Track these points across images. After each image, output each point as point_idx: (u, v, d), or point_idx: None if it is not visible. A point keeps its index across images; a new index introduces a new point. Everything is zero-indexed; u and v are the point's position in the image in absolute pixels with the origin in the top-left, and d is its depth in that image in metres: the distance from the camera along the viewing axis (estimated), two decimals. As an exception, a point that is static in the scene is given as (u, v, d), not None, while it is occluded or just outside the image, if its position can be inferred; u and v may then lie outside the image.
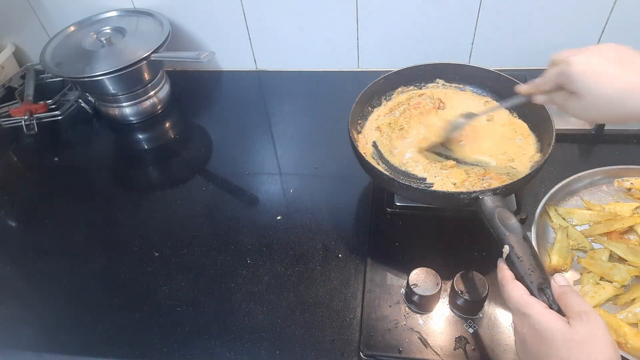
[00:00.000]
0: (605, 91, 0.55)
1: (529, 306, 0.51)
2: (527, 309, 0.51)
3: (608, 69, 0.55)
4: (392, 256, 0.79)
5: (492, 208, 0.64)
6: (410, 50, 1.15)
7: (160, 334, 0.74)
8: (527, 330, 0.51)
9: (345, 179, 0.96)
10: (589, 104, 0.56)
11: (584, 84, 0.56)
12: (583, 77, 0.56)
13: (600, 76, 0.55)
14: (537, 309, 0.51)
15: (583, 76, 0.56)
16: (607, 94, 0.55)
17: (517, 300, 0.53)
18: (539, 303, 0.51)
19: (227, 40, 1.22)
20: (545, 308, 0.51)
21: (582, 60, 0.56)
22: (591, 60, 0.56)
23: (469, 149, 0.83)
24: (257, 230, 0.87)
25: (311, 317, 0.73)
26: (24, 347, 0.76)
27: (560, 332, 0.48)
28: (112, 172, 1.07)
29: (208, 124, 1.15)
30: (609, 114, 0.56)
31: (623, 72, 0.54)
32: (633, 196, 0.80)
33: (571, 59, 0.57)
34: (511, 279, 0.56)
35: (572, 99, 0.58)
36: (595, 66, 0.56)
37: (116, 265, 0.85)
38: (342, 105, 0.87)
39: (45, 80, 1.26)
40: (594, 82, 0.55)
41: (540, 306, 0.51)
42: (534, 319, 0.50)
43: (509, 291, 0.55)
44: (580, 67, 0.56)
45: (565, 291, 0.52)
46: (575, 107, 0.59)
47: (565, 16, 1.03)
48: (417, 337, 0.68)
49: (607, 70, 0.55)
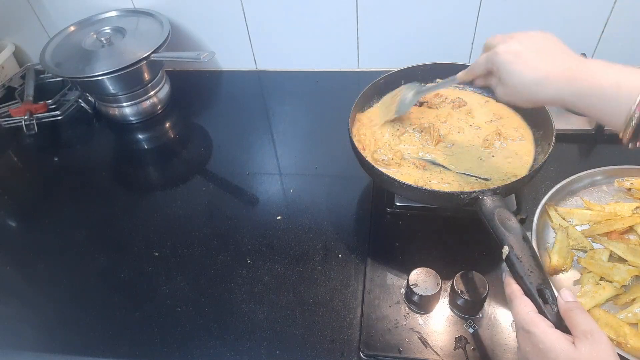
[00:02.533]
0: (523, 78, 0.58)
1: (534, 324, 0.51)
2: (532, 326, 0.50)
3: (527, 57, 0.58)
4: (392, 256, 0.79)
5: (492, 208, 0.64)
6: (410, 50, 1.15)
7: (160, 334, 0.74)
8: (530, 348, 0.50)
9: (345, 179, 0.96)
10: (511, 90, 0.61)
11: (506, 71, 0.60)
12: (506, 64, 0.60)
13: (520, 64, 0.59)
14: (542, 328, 0.50)
15: (505, 64, 0.60)
16: (524, 81, 0.58)
17: (523, 317, 0.52)
18: (545, 322, 0.51)
19: (227, 40, 1.22)
20: (551, 327, 0.50)
21: (506, 49, 0.60)
22: (514, 48, 0.59)
23: (465, 151, 0.83)
24: (257, 230, 0.87)
25: (311, 317, 0.73)
26: (24, 347, 0.76)
27: (564, 353, 0.47)
28: (112, 172, 1.07)
29: (208, 124, 1.15)
30: (527, 99, 0.60)
31: (540, 61, 0.58)
32: (633, 196, 0.80)
33: (497, 47, 0.61)
34: (520, 294, 0.55)
35: (499, 84, 0.63)
36: (517, 54, 0.59)
37: (116, 265, 0.85)
38: (342, 105, 0.87)
39: (45, 80, 1.26)
40: (515, 69, 0.59)
41: (545, 325, 0.50)
42: (538, 338, 0.49)
43: (516, 307, 0.54)
44: (504, 55, 0.60)
45: (571, 307, 0.51)
46: (501, 92, 0.63)
47: (565, 16, 1.04)
48: (417, 337, 0.68)
49: (526, 58, 0.58)
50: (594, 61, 0.57)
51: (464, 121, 0.88)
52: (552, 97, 0.58)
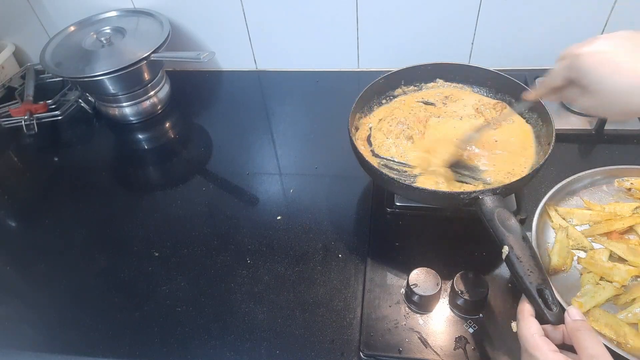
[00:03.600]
0: (619, 84, 0.49)
1: (537, 348, 0.50)
2: (535, 350, 0.50)
3: (621, 59, 0.49)
4: (392, 256, 0.79)
5: (492, 208, 0.64)
6: (410, 50, 1.15)
7: (160, 334, 0.74)
8: None
9: (345, 179, 0.96)
10: (602, 99, 0.51)
11: (595, 77, 0.50)
12: (594, 69, 0.50)
13: (612, 67, 0.49)
14: (545, 353, 0.49)
15: (594, 68, 0.50)
16: (621, 87, 0.49)
17: (528, 339, 0.52)
18: (548, 345, 0.50)
19: (227, 40, 1.22)
20: (554, 352, 0.49)
21: (593, 50, 0.51)
22: (602, 50, 0.50)
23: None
24: (257, 230, 0.87)
25: (311, 317, 0.73)
26: (24, 347, 0.76)
27: None
28: (112, 172, 1.07)
29: (208, 124, 1.15)
30: (624, 109, 0.51)
31: (635, 63, 0.49)
32: (633, 196, 0.80)
33: (581, 50, 0.52)
34: (527, 315, 0.54)
35: (584, 94, 0.53)
36: (607, 56, 0.50)
37: (116, 265, 0.85)
38: (342, 105, 0.87)
39: (45, 80, 1.26)
40: (606, 74, 0.50)
41: (548, 349, 0.50)
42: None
43: (522, 328, 0.53)
44: (591, 58, 0.51)
45: (578, 327, 0.51)
46: (588, 103, 0.54)
47: (565, 16, 1.04)
48: (417, 337, 0.68)
49: (620, 60, 0.49)
50: None
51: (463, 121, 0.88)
52: None
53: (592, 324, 0.62)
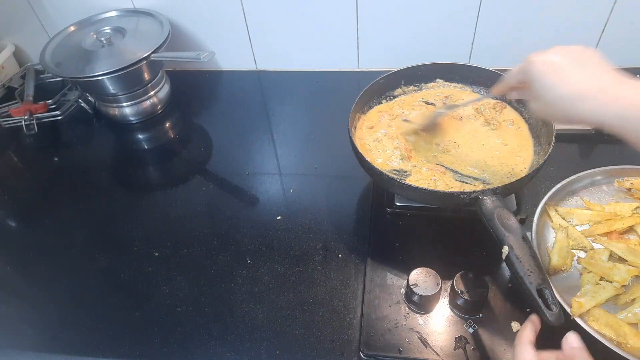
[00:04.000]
0: (560, 92, 0.53)
1: None
2: None
3: (565, 69, 0.54)
4: (392, 256, 0.79)
5: (492, 208, 0.64)
6: (410, 50, 1.15)
7: (160, 334, 0.74)
8: None
9: (345, 179, 0.96)
10: (547, 104, 0.56)
11: (542, 83, 0.55)
12: (542, 76, 0.55)
13: (558, 77, 0.54)
14: None
15: (542, 76, 0.55)
16: (561, 95, 0.53)
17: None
18: None
19: (227, 40, 1.22)
20: None
21: (544, 59, 0.56)
22: (552, 60, 0.55)
23: (464, 152, 0.83)
24: (257, 230, 0.87)
25: (311, 317, 0.73)
26: (24, 347, 0.76)
27: None
28: (112, 172, 1.07)
29: (208, 124, 1.15)
30: (564, 116, 0.55)
31: (580, 74, 0.53)
32: (633, 196, 0.80)
33: (532, 57, 0.57)
34: (526, 341, 0.55)
35: (533, 97, 0.58)
36: (555, 67, 0.55)
37: (116, 265, 0.85)
38: (342, 105, 0.87)
39: (45, 80, 1.26)
40: (551, 83, 0.54)
41: None
42: None
43: (517, 353, 0.54)
44: (541, 66, 0.55)
45: (575, 355, 0.51)
46: (535, 106, 0.59)
47: (565, 16, 1.04)
48: (417, 337, 0.68)
49: (564, 70, 0.54)
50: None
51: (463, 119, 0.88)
52: (590, 116, 0.52)
53: (592, 324, 0.62)
